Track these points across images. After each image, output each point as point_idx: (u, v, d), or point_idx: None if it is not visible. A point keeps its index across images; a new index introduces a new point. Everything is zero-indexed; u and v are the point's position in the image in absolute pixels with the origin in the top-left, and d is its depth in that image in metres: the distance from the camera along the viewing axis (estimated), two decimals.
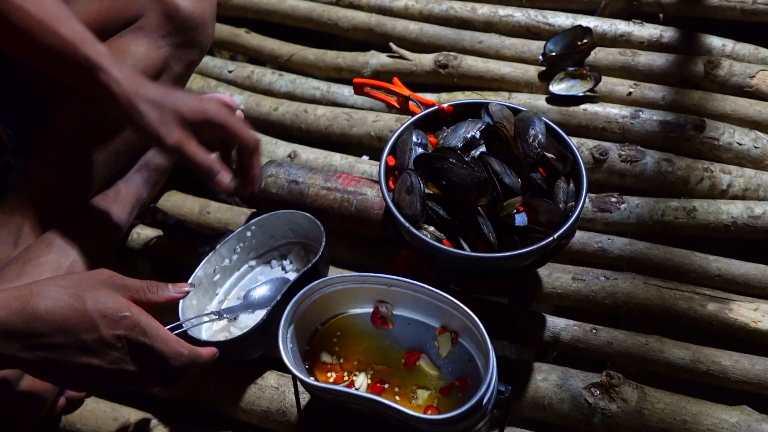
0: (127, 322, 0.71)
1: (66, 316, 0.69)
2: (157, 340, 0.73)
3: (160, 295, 0.77)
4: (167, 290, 0.79)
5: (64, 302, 0.69)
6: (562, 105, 1.21)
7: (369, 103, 1.31)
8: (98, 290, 0.71)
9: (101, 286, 0.72)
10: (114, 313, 0.70)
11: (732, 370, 0.92)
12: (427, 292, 0.80)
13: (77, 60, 0.85)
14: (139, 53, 1.00)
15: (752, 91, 1.21)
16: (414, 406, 0.80)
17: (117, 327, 0.70)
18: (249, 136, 0.92)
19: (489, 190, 0.83)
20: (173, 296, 0.79)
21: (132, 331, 0.71)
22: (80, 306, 0.69)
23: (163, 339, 0.73)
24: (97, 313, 0.70)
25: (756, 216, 1.05)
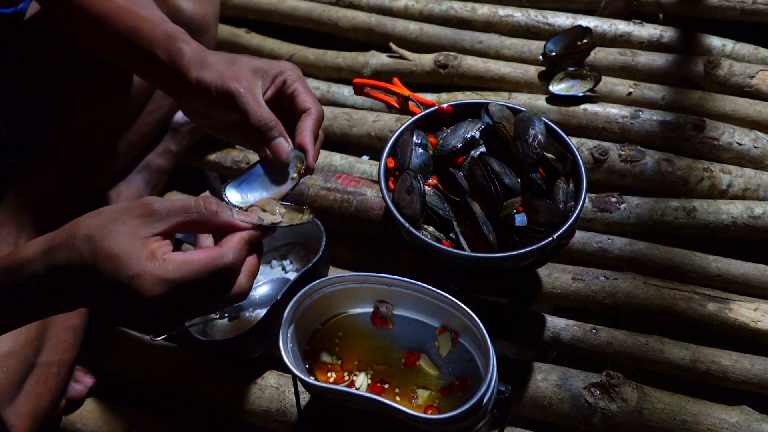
0: (141, 283, 0.60)
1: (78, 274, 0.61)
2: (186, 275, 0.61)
3: (219, 219, 0.65)
4: (228, 214, 0.66)
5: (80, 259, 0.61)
6: (562, 105, 1.21)
7: (369, 103, 1.32)
8: (116, 237, 0.61)
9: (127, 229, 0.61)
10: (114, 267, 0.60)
11: (732, 370, 0.92)
12: (427, 291, 0.80)
13: (155, 34, 0.81)
14: None
15: (752, 91, 1.21)
16: (414, 406, 0.81)
17: (119, 282, 0.60)
18: (316, 103, 0.79)
19: None
20: (236, 224, 0.66)
21: (139, 280, 0.60)
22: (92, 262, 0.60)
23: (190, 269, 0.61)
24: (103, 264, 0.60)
25: (756, 216, 1.05)
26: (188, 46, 0.80)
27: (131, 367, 1.01)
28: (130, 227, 0.61)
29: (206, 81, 0.77)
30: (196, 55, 0.79)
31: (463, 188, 0.86)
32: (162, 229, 0.62)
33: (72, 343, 0.97)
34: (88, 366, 1.02)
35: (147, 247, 0.61)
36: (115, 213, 0.62)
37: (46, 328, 0.93)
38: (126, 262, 0.59)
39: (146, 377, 1.00)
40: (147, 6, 0.87)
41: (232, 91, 0.76)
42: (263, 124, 0.76)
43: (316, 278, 0.83)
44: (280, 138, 0.76)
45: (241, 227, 0.66)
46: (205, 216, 0.64)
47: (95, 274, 0.60)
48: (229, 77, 0.77)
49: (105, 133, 1.05)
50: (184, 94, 0.81)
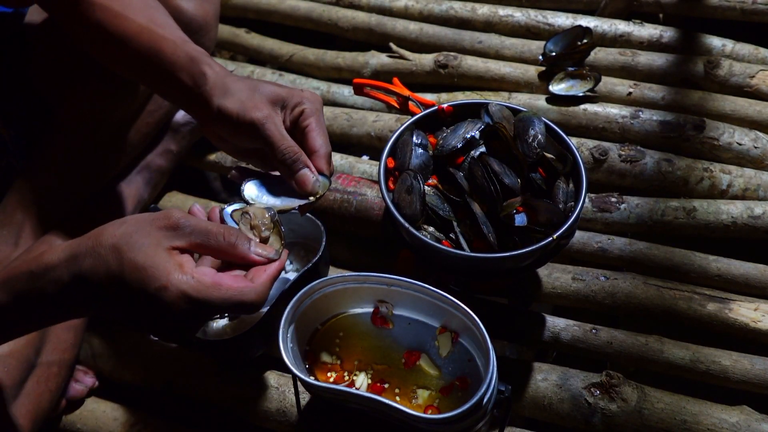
0: (167, 294, 0.61)
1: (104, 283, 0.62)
2: (210, 298, 0.62)
3: (236, 253, 0.67)
4: (246, 247, 0.67)
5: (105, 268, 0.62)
6: (562, 105, 1.21)
7: (369, 103, 1.32)
8: (142, 249, 0.62)
9: (152, 240, 0.63)
10: (141, 278, 0.61)
11: (732, 370, 0.92)
12: (427, 291, 0.80)
13: (177, 57, 0.81)
14: None
15: (752, 91, 1.21)
16: (414, 406, 0.81)
17: (146, 292, 0.61)
18: (326, 143, 0.81)
19: None
20: (250, 257, 0.67)
21: (165, 293, 0.61)
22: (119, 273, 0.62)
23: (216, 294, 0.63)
24: (130, 274, 0.61)
25: (756, 216, 1.05)
26: (211, 70, 0.80)
27: (131, 367, 1.01)
28: (154, 239, 0.63)
29: (228, 110, 0.78)
30: (219, 81, 0.79)
31: (463, 188, 0.86)
32: (182, 245, 0.64)
33: (72, 343, 0.97)
34: (88, 366, 1.02)
35: (173, 259, 0.63)
36: (139, 223, 0.64)
37: (47, 328, 0.93)
38: (154, 274, 0.61)
39: (146, 377, 1.00)
40: (168, 26, 0.86)
41: (255, 121, 0.77)
42: (288, 157, 0.77)
43: (316, 278, 0.83)
44: (305, 170, 0.78)
45: (257, 261, 0.67)
46: (223, 247, 0.66)
47: (121, 283, 0.62)
48: (251, 107, 0.77)
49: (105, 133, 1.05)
50: (206, 120, 0.81)
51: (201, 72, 0.80)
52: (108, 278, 0.62)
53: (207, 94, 0.79)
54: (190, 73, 0.80)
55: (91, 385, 1.00)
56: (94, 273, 0.62)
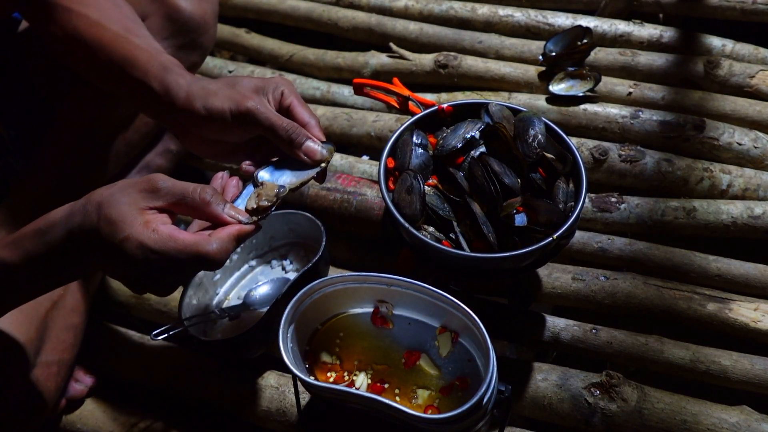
0: (128, 245, 0.65)
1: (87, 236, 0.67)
2: (167, 248, 0.66)
3: (209, 210, 0.71)
4: (219, 207, 0.71)
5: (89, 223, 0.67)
6: (562, 105, 1.21)
7: (369, 103, 1.32)
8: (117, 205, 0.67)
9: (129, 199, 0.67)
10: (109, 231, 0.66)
11: (732, 370, 0.92)
12: (427, 291, 0.80)
13: (150, 66, 0.82)
14: None
15: (752, 91, 1.21)
16: (414, 406, 0.81)
17: (111, 244, 0.66)
18: (313, 114, 0.82)
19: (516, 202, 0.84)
20: (221, 216, 0.71)
21: (126, 243, 0.65)
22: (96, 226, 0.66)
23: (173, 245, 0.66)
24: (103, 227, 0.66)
25: (756, 216, 1.05)
26: (183, 79, 0.81)
27: (131, 367, 1.01)
28: (131, 198, 0.67)
29: (217, 108, 0.79)
30: (195, 86, 0.80)
31: (463, 188, 0.86)
32: (158, 204, 0.68)
33: (72, 343, 0.97)
34: (88, 366, 1.02)
35: (142, 216, 0.67)
36: (124, 185, 0.69)
37: (46, 327, 0.93)
38: (119, 227, 0.66)
39: (146, 377, 1.00)
40: (143, 36, 0.87)
41: (250, 110, 0.78)
42: (291, 132, 0.79)
43: (316, 278, 0.83)
44: (310, 141, 0.80)
45: (227, 221, 0.71)
46: (197, 204, 0.70)
47: (97, 236, 0.66)
48: (241, 99, 0.79)
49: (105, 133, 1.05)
50: (188, 126, 0.82)
51: (174, 81, 0.81)
52: (89, 232, 0.67)
53: (186, 100, 0.80)
54: (162, 81, 0.81)
55: (91, 385, 1.00)
56: (81, 228, 0.67)
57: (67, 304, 0.97)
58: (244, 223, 0.72)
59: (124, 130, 1.06)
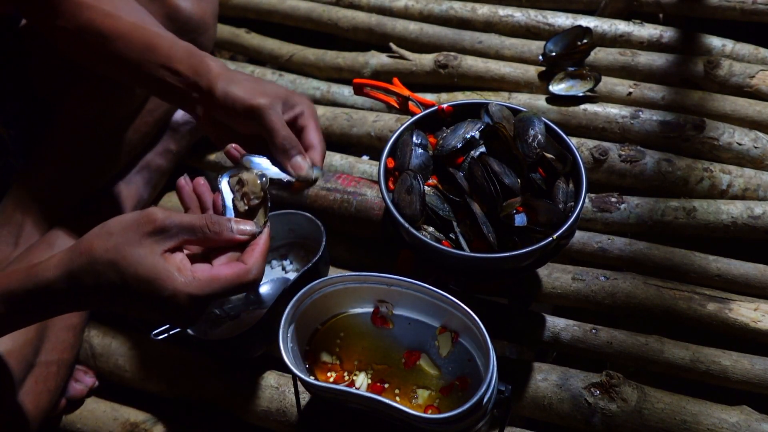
0: (177, 300, 0.66)
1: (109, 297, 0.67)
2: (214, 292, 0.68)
3: (223, 239, 0.71)
4: (230, 232, 0.72)
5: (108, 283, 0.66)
6: (562, 105, 1.21)
7: (369, 103, 1.32)
8: (140, 261, 0.66)
9: (146, 250, 0.66)
10: (150, 289, 0.66)
11: (732, 370, 0.92)
12: (427, 291, 0.80)
13: (174, 51, 0.84)
14: None
15: (752, 91, 1.21)
16: (414, 406, 0.81)
17: (158, 299, 0.66)
18: (322, 141, 0.84)
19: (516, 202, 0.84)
20: (235, 238, 0.72)
21: (175, 299, 0.66)
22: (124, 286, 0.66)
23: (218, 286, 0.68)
24: (136, 286, 0.66)
25: (756, 216, 1.05)
26: (214, 62, 0.84)
27: (131, 367, 1.01)
28: (147, 248, 0.66)
29: (234, 95, 0.81)
30: (223, 71, 0.83)
31: (463, 188, 0.86)
32: (172, 245, 0.68)
33: (72, 342, 0.97)
34: (88, 366, 1.02)
35: (171, 263, 0.67)
36: (126, 232, 0.67)
37: (46, 327, 0.93)
38: (160, 285, 0.65)
39: (146, 377, 1.00)
40: (159, 26, 0.89)
41: (261, 107, 0.80)
42: (287, 143, 0.81)
43: (316, 278, 0.83)
44: (299, 156, 0.81)
45: (244, 241, 0.72)
46: (210, 237, 0.70)
47: (129, 295, 0.66)
48: (258, 94, 0.81)
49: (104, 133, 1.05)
50: (207, 106, 0.84)
51: (203, 62, 0.83)
52: (114, 291, 0.66)
53: (210, 81, 0.82)
54: (189, 64, 0.83)
55: (91, 384, 1.00)
56: (98, 288, 0.66)
57: None
58: (257, 233, 0.73)
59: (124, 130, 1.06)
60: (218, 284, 0.67)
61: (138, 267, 0.65)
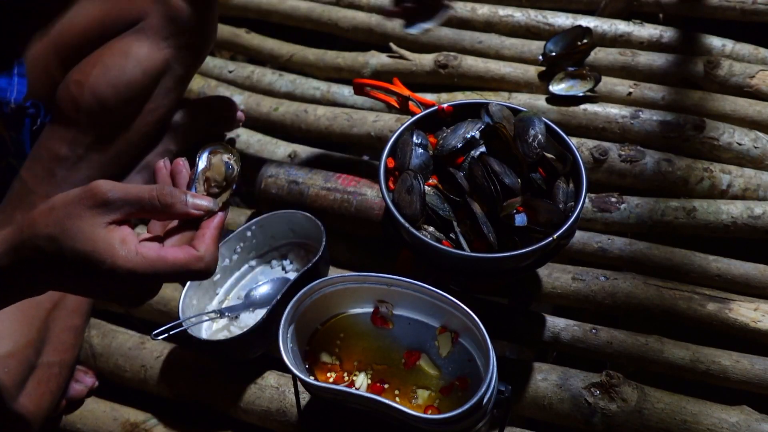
0: (117, 274, 0.62)
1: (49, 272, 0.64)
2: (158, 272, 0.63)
3: (174, 212, 0.66)
4: (183, 205, 0.66)
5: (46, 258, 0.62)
6: (562, 105, 1.21)
7: (369, 103, 1.32)
8: (79, 234, 0.62)
9: (86, 222, 0.63)
10: (88, 263, 0.62)
11: (732, 370, 0.92)
12: (427, 291, 0.80)
13: None
14: (140, 54, 1.00)
15: (752, 91, 1.21)
16: (414, 406, 0.81)
17: (96, 274, 0.62)
18: None
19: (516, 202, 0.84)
20: (189, 212, 0.66)
21: (114, 273, 0.62)
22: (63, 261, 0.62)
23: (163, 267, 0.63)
24: (74, 260, 0.62)
25: (756, 216, 1.05)
26: None
27: (131, 367, 1.01)
28: (87, 220, 0.62)
29: None
30: None
31: (463, 188, 0.86)
32: (116, 217, 0.64)
33: (72, 343, 0.97)
34: (88, 366, 1.02)
35: (113, 235, 0.62)
36: (68, 206, 0.63)
37: (47, 329, 0.93)
38: (98, 258, 0.61)
39: (146, 377, 1.00)
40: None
41: None
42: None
43: (316, 278, 0.83)
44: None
45: (195, 215, 0.67)
46: (158, 208, 0.65)
47: (67, 269, 0.63)
48: None
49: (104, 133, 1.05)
50: None
51: None
52: (54, 266, 0.63)
53: None
54: None
55: (91, 385, 1.00)
56: (37, 263, 0.63)
57: (68, 305, 0.97)
58: (213, 209, 0.67)
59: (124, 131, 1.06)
60: (163, 266, 0.63)
61: (76, 240, 0.62)
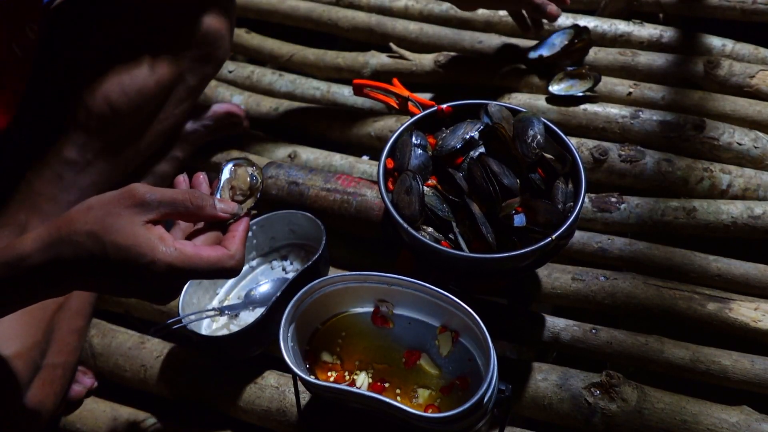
0: (156, 268, 0.65)
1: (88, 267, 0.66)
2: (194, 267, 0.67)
3: (205, 214, 0.71)
4: (212, 208, 0.71)
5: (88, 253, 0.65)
6: (561, 105, 1.21)
7: (369, 104, 1.32)
8: (120, 230, 0.65)
9: (126, 220, 0.66)
10: (129, 257, 0.65)
11: (732, 370, 0.92)
12: (427, 291, 0.80)
13: None
14: (155, 64, 1.01)
15: (752, 91, 1.21)
16: (415, 405, 0.81)
17: (136, 267, 0.65)
18: None
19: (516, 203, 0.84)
20: (217, 215, 0.71)
21: (154, 266, 0.65)
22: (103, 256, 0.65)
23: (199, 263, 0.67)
24: (116, 254, 0.65)
25: (756, 216, 1.05)
26: None
27: (131, 367, 1.01)
28: (127, 218, 0.66)
29: None
30: None
31: (462, 189, 0.86)
32: (153, 217, 0.67)
33: (76, 345, 0.97)
34: (88, 366, 1.02)
35: (152, 233, 0.66)
36: (106, 206, 0.67)
37: (52, 330, 0.93)
38: (139, 251, 0.65)
39: (146, 377, 1.00)
40: None
41: None
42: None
43: (315, 277, 0.83)
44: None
45: (223, 218, 0.72)
46: (191, 211, 0.70)
47: (108, 265, 0.65)
48: None
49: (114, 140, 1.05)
50: None
51: None
52: (92, 262, 0.65)
53: None
54: None
55: (90, 386, 1.00)
56: (76, 259, 0.65)
57: (72, 307, 0.98)
58: (239, 213, 0.73)
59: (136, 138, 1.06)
60: (200, 262, 0.67)
61: (118, 235, 0.65)
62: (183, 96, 1.06)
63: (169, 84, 1.02)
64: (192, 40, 1.02)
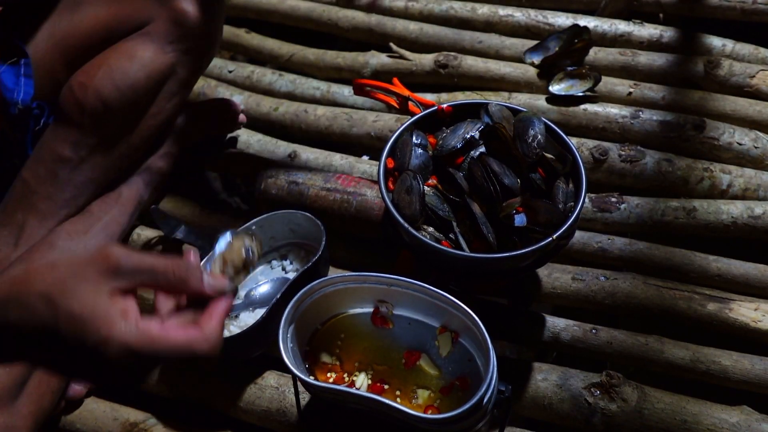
0: (109, 347, 0.56)
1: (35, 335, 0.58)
2: (157, 351, 0.58)
3: (189, 288, 0.62)
4: (198, 282, 0.62)
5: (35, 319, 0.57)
6: (561, 105, 1.21)
7: (369, 103, 1.32)
8: (79, 296, 0.57)
9: (90, 286, 0.58)
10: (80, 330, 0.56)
11: (732, 370, 0.92)
12: (427, 291, 0.80)
13: None
14: (145, 58, 1.01)
15: (752, 91, 1.21)
16: (414, 406, 0.81)
17: (86, 343, 0.56)
18: None
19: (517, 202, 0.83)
20: (203, 290, 0.62)
21: (105, 346, 0.56)
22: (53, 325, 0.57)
23: (164, 347, 0.58)
24: (67, 325, 0.56)
25: (756, 216, 1.05)
26: None
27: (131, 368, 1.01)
28: (91, 284, 0.57)
29: None
30: None
31: (463, 189, 0.86)
32: (124, 286, 0.59)
33: None
34: None
35: (115, 306, 0.57)
36: (73, 266, 0.59)
37: None
38: (94, 325, 0.56)
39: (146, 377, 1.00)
40: None
41: None
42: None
43: (315, 278, 0.83)
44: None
45: (210, 295, 0.63)
46: (174, 284, 0.61)
47: (56, 335, 0.57)
48: None
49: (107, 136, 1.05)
50: None
51: None
52: (39, 330, 0.57)
53: None
54: None
55: (90, 386, 1.00)
56: (22, 324, 0.57)
57: None
58: (228, 291, 0.64)
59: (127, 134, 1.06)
60: (165, 345, 0.58)
61: (74, 301, 0.56)
62: (174, 90, 1.06)
63: (160, 78, 1.02)
64: (181, 32, 1.02)
